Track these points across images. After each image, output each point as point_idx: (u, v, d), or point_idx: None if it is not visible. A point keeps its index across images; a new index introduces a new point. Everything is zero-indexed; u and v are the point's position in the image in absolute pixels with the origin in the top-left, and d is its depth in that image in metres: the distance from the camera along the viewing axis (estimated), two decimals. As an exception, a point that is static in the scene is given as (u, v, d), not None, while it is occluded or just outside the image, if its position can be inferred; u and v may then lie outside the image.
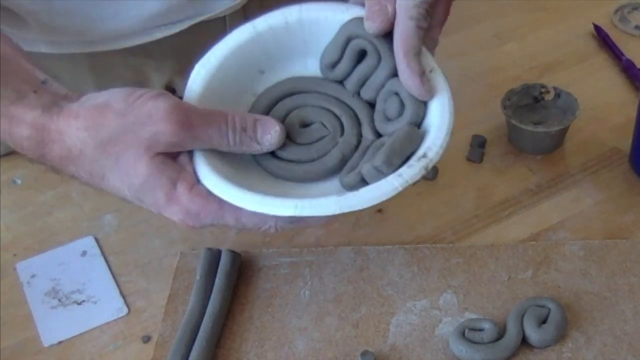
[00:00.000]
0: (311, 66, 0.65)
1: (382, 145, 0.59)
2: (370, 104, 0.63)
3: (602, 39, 0.94)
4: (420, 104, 0.59)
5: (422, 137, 0.58)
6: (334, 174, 0.61)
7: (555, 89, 0.81)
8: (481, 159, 0.80)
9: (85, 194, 0.78)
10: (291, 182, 0.61)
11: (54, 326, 0.67)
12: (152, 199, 0.58)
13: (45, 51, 0.77)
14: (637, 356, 0.61)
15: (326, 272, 0.69)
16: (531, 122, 0.79)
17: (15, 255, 0.73)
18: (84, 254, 0.73)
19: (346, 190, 0.58)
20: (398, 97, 0.60)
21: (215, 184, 0.57)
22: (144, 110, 0.55)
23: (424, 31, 0.59)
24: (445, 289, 0.67)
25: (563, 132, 0.79)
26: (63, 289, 0.69)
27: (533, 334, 0.62)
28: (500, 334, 0.62)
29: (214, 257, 0.68)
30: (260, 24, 0.63)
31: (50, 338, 0.66)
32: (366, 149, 0.61)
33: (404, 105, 0.60)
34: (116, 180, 0.57)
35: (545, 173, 0.78)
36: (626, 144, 0.78)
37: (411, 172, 0.56)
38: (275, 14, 0.63)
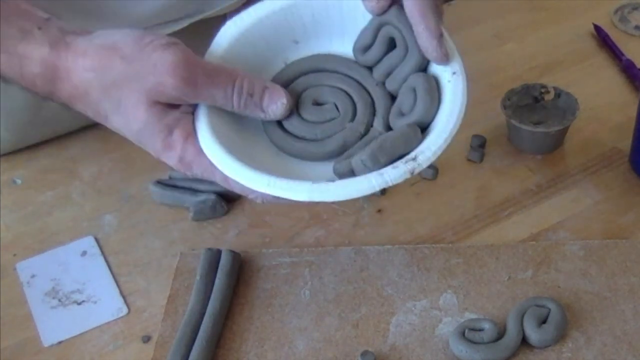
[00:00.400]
0: (348, 48, 0.64)
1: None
2: (393, 96, 0.62)
3: (602, 39, 0.94)
4: (432, 103, 0.58)
5: (420, 139, 0.57)
6: (332, 157, 0.60)
7: (555, 89, 0.81)
8: (481, 159, 0.80)
9: (85, 194, 0.79)
10: (291, 157, 0.61)
11: (54, 326, 0.67)
12: (150, 144, 0.58)
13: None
14: (637, 356, 0.61)
15: (326, 272, 0.69)
16: (531, 122, 0.79)
17: (15, 255, 0.73)
18: (84, 254, 0.73)
19: (336, 177, 0.57)
20: (414, 93, 0.59)
21: (206, 141, 0.57)
22: (151, 60, 0.55)
23: None
24: (445, 289, 0.67)
25: (563, 132, 0.79)
26: (63, 289, 0.69)
27: (533, 334, 0.62)
28: (500, 334, 0.62)
29: (214, 257, 0.68)
30: None
31: (50, 338, 0.66)
32: (370, 141, 0.59)
33: (417, 103, 0.58)
34: (119, 122, 0.58)
35: (545, 173, 0.78)
36: (626, 144, 0.78)
37: (394, 173, 0.55)
38: None
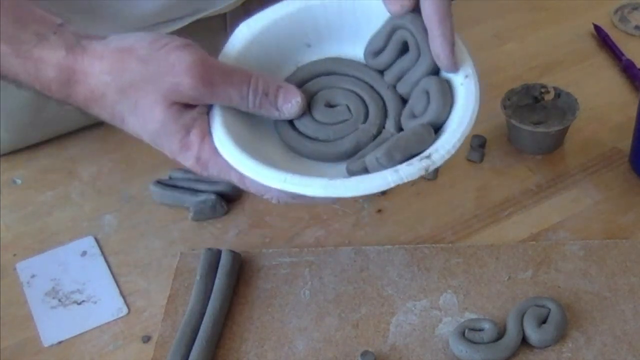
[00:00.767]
0: (359, 52, 0.64)
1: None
2: (404, 100, 0.62)
3: (602, 39, 0.94)
4: (445, 104, 0.58)
5: (434, 138, 0.58)
6: (345, 158, 0.60)
7: (555, 89, 0.81)
8: (481, 159, 0.80)
9: (85, 194, 0.79)
10: (304, 158, 0.61)
11: (54, 326, 0.67)
12: (166, 144, 0.59)
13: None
14: (637, 356, 0.61)
15: (326, 272, 0.69)
16: (531, 122, 0.79)
17: (15, 255, 0.73)
18: (84, 254, 0.73)
19: (350, 176, 0.58)
20: (427, 95, 0.59)
21: (221, 141, 0.58)
22: (168, 61, 0.56)
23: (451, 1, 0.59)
24: (445, 289, 0.67)
25: (563, 132, 0.79)
26: (63, 289, 0.69)
27: (533, 334, 0.62)
28: (500, 334, 0.62)
29: (214, 257, 0.68)
30: None
31: (50, 338, 0.66)
32: (383, 142, 0.59)
33: (430, 104, 0.59)
34: (135, 124, 0.58)
35: (545, 173, 0.78)
36: (626, 144, 0.78)
37: (409, 170, 0.55)
38: None
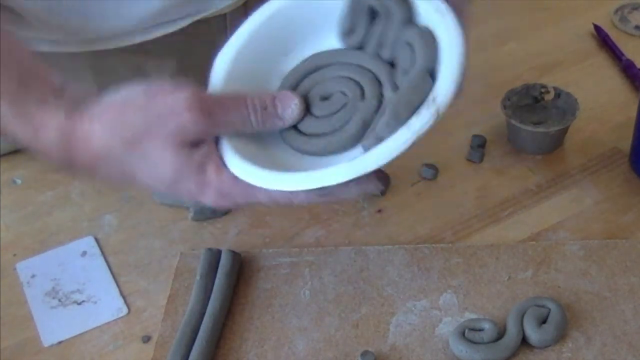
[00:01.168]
0: (335, 39, 0.64)
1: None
2: (392, 64, 0.61)
3: (602, 39, 0.94)
4: (428, 46, 0.57)
5: (432, 83, 0.56)
6: (359, 140, 0.59)
7: (555, 89, 0.81)
8: (481, 159, 0.80)
9: (85, 194, 0.79)
10: (318, 156, 0.61)
11: (54, 326, 0.67)
12: (184, 188, 0.58)
13: (46, 50, 0.77)
14: (637, 356, 0.61)
15: (326, 272, 0.69)
16: (531, 122, 0.79)
17: (15, 255, 0.73)
18: (84, 254, 0.73)
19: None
20: (410, 46, 0.58)
21: (240, 168, 0.57)
22: (167, 104, 0.56)
23: None
24: (445, 289, 0.67)
25: (563, 132, 0.79)
26: (63, 289, 0.69)
27: (533, 334, 0.62)
28: (500, 334, 0.62)
29: (214, 257, 0.68)
30: (268, 9, 0.63)
31: (50, 338, 0.66)
32: (386, 108, 0.58)
33: (415, 52, 0.58)
34: (148, 175, 0.58)
35: (545, 173, 0.78)
36: (626, 144, 0.78)
37: (420, 120, 0.54)
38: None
